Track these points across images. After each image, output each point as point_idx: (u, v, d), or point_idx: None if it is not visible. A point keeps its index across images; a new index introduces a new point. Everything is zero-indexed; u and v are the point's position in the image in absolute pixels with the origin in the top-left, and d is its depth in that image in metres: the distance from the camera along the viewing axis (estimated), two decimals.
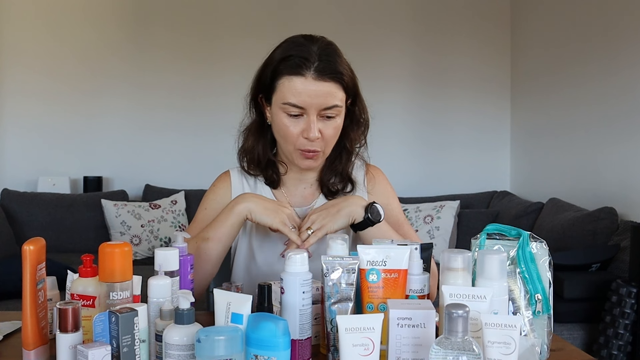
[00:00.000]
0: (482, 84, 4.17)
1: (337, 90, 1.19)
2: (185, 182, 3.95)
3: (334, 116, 1.21)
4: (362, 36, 4.10)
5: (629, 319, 2.22)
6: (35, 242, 0.92)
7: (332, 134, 1.23)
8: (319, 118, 1.20)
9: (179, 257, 1.01)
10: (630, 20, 2.87)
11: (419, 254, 1.00)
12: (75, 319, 0.85)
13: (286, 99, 1.18)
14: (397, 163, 4.08)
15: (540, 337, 0.97)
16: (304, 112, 1.19)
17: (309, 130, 1.19)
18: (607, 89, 3.06)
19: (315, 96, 1.17)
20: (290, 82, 1.17)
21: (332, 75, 1.18)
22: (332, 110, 1.20)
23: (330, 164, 1.35)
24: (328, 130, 1.22)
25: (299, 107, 1.18)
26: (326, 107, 1.19)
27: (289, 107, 1.19)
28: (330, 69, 1.17)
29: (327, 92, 1.18)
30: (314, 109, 1.18)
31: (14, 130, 3.94)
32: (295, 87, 1.17)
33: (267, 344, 0.80)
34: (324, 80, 1.17)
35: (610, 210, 2.73)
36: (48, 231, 3.55)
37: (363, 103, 1.32)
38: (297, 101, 1.17)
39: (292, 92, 1.17)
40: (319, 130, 1.20)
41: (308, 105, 1.18)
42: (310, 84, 1.16)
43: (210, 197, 1.37)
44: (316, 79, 1.16)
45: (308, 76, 1.16)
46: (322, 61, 1.17)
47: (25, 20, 3.92)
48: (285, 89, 1.18)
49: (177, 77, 4.03)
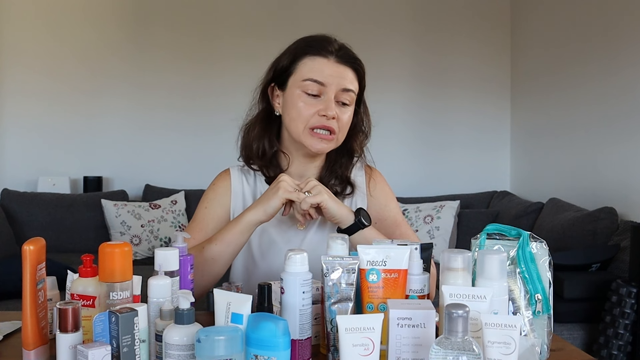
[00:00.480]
0: (482, 84, 4.17)
1: (354, 78, 1.27)
2: (185, 182, 3.95)
3: (348, 104, 1.26)
4: (362, 36, 4.09)
5: (629, 319, 2.22)
6: (35, 242, 0.92)
7: (346, 121, 1.27)
8: (335, 102, 1.24)
9: (179, 257, 1.01)
10: (630, 20, 2.87)
11: (419, 254, 1.00)
12: (75, 319, 0.85)
13: (308, 75, 1.23)
14: (397, 163, 4.08)
15: (540, 337, 0.97)
16: (323, 90, 1.23)
17: (328, 108, 1.22)
18: (607, 89, 3.06)
19: (337, 76, 1.23)
20: (314, 61, 1.24)
21: (352, 62, 1.25)
22: (348, 94, 1.25)
23: (331, 165, 1.36)
24: (343, 116, 1.25)
25: (320, 84, 1.23)
26: (344, 88, 1.24)
27: (310, 84, 1.23)
28: (350, 56, 1.26)
29: (346, 75, 1.24)
30: (333, 88, 1.23)
31: (14, 130, 3.94)
32: (318, 65, 1.23)
33: (267, 344, 0.80)
34: (344, 64, 1.24)
35: (610, 210, 2.73)
36: (48, 231, 3.55)
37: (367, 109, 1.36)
38: (319, 77, 1.22)
39: (315, 70, 1.23)
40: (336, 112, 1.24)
41: (329, 82, 1.23)
42: (332, 65, 1.23)
43: (210, 195, 1.36)
44: (337, 62, 1.24)
45: (330, 58, 1.24)
46: (343, 50, 1.26)
47: (25, 20, 3.92)
48: (307, 67, 1.24)
49: (177, 77, 4.03)
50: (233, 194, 1.36)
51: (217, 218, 1.33)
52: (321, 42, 1.25)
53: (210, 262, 1.21)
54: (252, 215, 1.19)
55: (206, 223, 1.32)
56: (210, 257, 1.20)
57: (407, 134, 4.18)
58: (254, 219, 1.19)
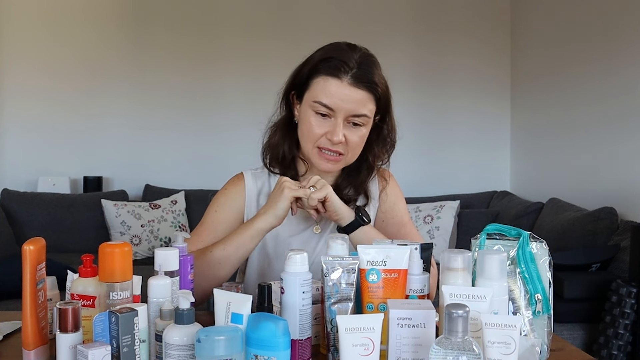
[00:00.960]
0: (482, 84, 4.17)
1: (369, 100, 1.21)
2: (185, 182, 3.95)
3: (361, 125, 1.23)
4: (362, 36, 4.07)
5: (629, 319, 2.22)
6: (35, 242, 0.92)
7: (357, 142, 1.24)
8: (346, 124, 1.21)
9: (179, 257, 1.01)
10: (630, 20, 2.87)
11: (419, 254, 1.00)
12: (75, 319, 0.85)
13: (318, 97, 1.20)
14: (397, 163, 4.05)
15: (540, 337, 0.97)
16: (333, 114, 1.20)
17: (334, 133, 1.20)
18: (607, 89, 3.06)
19: (348, 101, 1.18)
20: (326, 83, 1.19)
21: (368, 85, 1.19)
22: (360, 118, 1.21)
23: (348, 174, 1.35)
24: (353, 137, 1.23)
25: (328, 108, 1.19)
26: (355, 114, 1.20)
27: (319, 106, 1.20)
28: (367, 78, 1.19)
29: (359, 99, 1.19)
30: (343, 113, 1.20)
31: (14, 130, 3.94)
32: (329, 88, 1.19)
33: (267, 344, 0.80)
34: (358, 87, 1.18)
35: (610, 210, 2.73)
36: (48, 231, 3.55)
37: (393, 122, 1.32)
38: (328, 102, 1.19)
39: (326, 93, 1.19)
40: (344, 135, 1.21)
41: (338, 108, 1.19)
42: (344, 88, 1.18)
43: (221, 200, 1.34)
44: (351, 85, 1.18)
45: (344, 80, 1.18)
46: (361, 69, 1.19)
47: (26, 20, 3.92)
48: (319, 88, 1.20)
49: (177, 77, 4.03)
50: (247, 199, 1.34)
51: (227, 222, 1.32)
52: (339, 60, 1.19)
53: (217, 265, 1.20)
54: (263, 222, 1.18)
55: (215, 227, 1.31)
56: (218, 260, 1.20)
57: (407, 133, 4.12)
58: (265, 226, 1.18)
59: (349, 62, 1.19)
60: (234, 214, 1.33)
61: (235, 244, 1.19)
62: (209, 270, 1.19)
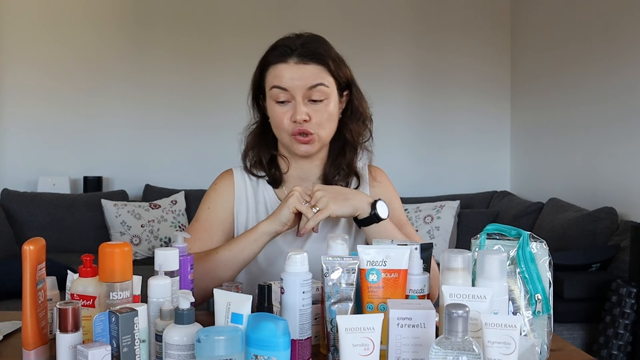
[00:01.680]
0: (482, 84, 4.17)
1: (321, 71, 1.23)
2: (185, 182, 3.95)
3: (322, 99, 1.24)
4: (362, 36, 4.10)
5: (629, 319, 2.22)
6: (35, 242, 0.92)
7: (324, 118, 1.25)
8: (307, 102, 1.23)
9: (179, 257, 1.01)
10: (630, 20, 2.87)
11: (419, 254, 1.00)
12: (75, 319, 0.85)
13: (273, 82, 1.24)
14: (397, 163, 4.08)
15: (540, 337, 0.97)
16: (290, 96, 1.23)
17: (296, 113, 1.22)
18: (607, 89, 3.06)
19: (298, 78, 1.21)
20: (275, 69, 1.23)
21: (314, 58, 1.23)
22: (317, 89, 1.22)
23: (334, 159, 1.35)
24: (317, 114, 1.24)
25: (283, 89, 1.22)
26: (310, 86, 1.22)
27: (276, 91, 1.23)
28: (311, 52, 1.23)
29: (309, 73, 1.22)
30: (299, 91, 1.22)
31: (14, 130, 3.94)
32: (279, 72, 1.23)
33: (267, 344, 0.80)
34: (305, 63, 1.22)
35: (610, 210, 2.73)
36: (48, 231, 3.55)
37: (360, 94, 1.33)
38: (281, 83, 1.22)
39: (277, 77, 1.23)
40: (307, 113, 1.23)
41: (292, 87, 1.22)
42: (292, 67, 1.22)
43: (212, 195, 1.35)
44: (298, 62, 1.22)
45: (290, 62, 1.22)
46: (305, 47, 1.23)
47: (26, 20, 3.92)
48: (271, 76, 1.24)
49: (177, 77, 4.03)
50: (236, 195, 1.35)
51: (220, 218, 1.33)
52: (281, 48, 1.23)
53: (222, 267, 1.21)
54: (267, 226, 1.19)
55: (210, 223, 1.32)
56: (223, 262, 1.21)
57: (407, 134, 4.18)
58: (269, 229, 1.19)
59: (291, 45, 1.23)
60: (225, 209, 1.34)
61: (241, 247, 1.21)
62: (214, 272, 1.20)
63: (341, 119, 1.32)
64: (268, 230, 1.19)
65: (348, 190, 1.24)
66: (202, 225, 1.31)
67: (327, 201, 1.17)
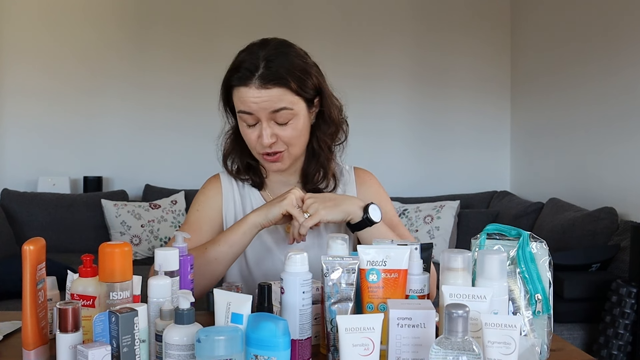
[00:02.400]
0: (482, 84, 4.17)
1: (284, 93, 1.20)
2: (185, 182, 3.95)
3: (287, 120, 1.23)
4: (362, 36, 4.10)
5: (629, 319, 2.22)
6: (35, 242, 0.92)
7: (292, 135, 1.24)
8: (273, 124, 1.23)
9: (179, 257, 1.01)
10: (630, 20, 2.87)
11: (419, 254, 1.00)
12: (75, 319, 0.85)
13: (238, 107, 1.23)
14: (397, 163, 4.08)
15: (540, 337, 0.97)
16: (256, 119, 1.23)
17: (262, 137, 1.23)
18: (607, 89, 3.06)
19: (261, 102, 1.20)
20: (239, 93, 1.22)
21: (275, 82, 1.19)
22: (280, 113, 1.21)
23: (307, 167, 1.36)
24: (284, 132, 1.23)
25: (249, 114, 1.22)
26: (273, 110, 1.20)
27: (243, 115, 1.23)
28: (273, 75, 1.19)
29: (271, 97, 1.19)
30: (264, 115, 1.21)
31: (14, 130, 3.94)
32: (242, 96, 1.21)
33: (267, 344, 0.80)
34: (266, 87, 1.19)
35: (610, 210, 2.73)
36: (48, 231, 3.55)
37: (331, 100, 1.31)
38: (245, 108, 1.21)
39: (242, 102, 1.22)
40: (275, 134, 1.23)
41: (256, 111, 1.21)
42: (254, 92, 1.19)
43: (200, 199, 1.38)
44: (259, 87, 1.19)
45: (252, 86, 1.19)
46: (267, 68, 1.19)
47: (26, 20, 3.92)
48: (236, 99, 1.23)
49: (177, 77, 4.03)
50: (224, 197, 1.38)
51: (209, 220, 1.36)
52: (243, 69, 1.20)
53: (214, 262, 1.21)
54: (255, 217, 1.21)
55: (199, 225, 1.34)
56: (214, 257, 1.21)
57: (407, 134, 4.17)
58: (256, 221, 1.20)
59: (252, 66, 1.19)
60: (214, 212, 1.37)
61: (230, 242, 1.21)
62: (206, 268, 1.21)
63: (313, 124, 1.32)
64: (255, 222, 1.20)
65: (339, 196, 1.24)
66: (191, 227, 1.33)
67: (317, 207, 1.18)
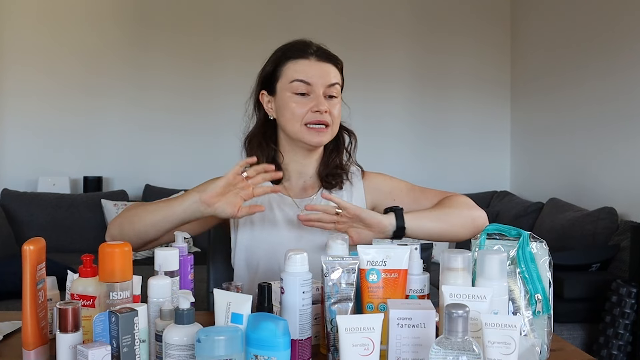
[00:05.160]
0: (482, 84, 4.17)
1: (336, 72, 1.34)
2: (185, 182, 3.94)
3: (336, 96, 1.33)
4: (362, 36, 4.10)
5: (629, 319, 2.22)
6: (35, 242, 0.92)
7: (337, 113, 1.33)
8: (325, 97, 1.31)
9: (179, 257, 1.01)
10: (630, 20, 2.87)
11: (419, 254, 1.00)
12: (75, 319, 0.85)
13: (295, 76, 1.30)
14: (397, 163, 4.08)
15: (540, 337, 0.97)
16: (311, 90, 1.29)
17: (320, 104, 1.28)
18: (607, 89, 3.06)
19: (320, 74, 1.30)
20: (297, 64, 1.31)
21: (330, 58, 1.33)
22: (334, 87, 1.32)
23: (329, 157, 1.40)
24: (333, 109, 1.31)
25: (307, 83, 1.29)
26: (330, 83, 1.31)
27: (298, 85, 1.29)
28: (328, 53, 1.34)
29: (328, 71, 1.32)
30: (320, 86, 1.30)
31: (14, 130, 3.94)
32: (301, 67, 1.30)
33: (267, 344, 0.80)
34: (324, 61, 1.32)
35: (610, 210, 2.73)
36: (48, 231, 3.54)
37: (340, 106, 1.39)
38: (305, 77, 1.29)
39: (300, 71, 1.30)
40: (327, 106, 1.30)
41: (315, 81, 1.29)
42: (313, 64, 1.30)
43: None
44: (318, 60, 1.31)
45: (311, 58, 1.31)
46: (320, 49, 1.34)
47: (26, 20, 3.92)
48: (291, 70, 1.31)
49: (177, 78, 4.03)
50: None
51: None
52: (300, 46, 1.33)
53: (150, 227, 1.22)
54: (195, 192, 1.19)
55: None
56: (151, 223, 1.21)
57: (407, 133, 4.18)
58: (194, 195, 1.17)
59: (308, 48, 1.33)
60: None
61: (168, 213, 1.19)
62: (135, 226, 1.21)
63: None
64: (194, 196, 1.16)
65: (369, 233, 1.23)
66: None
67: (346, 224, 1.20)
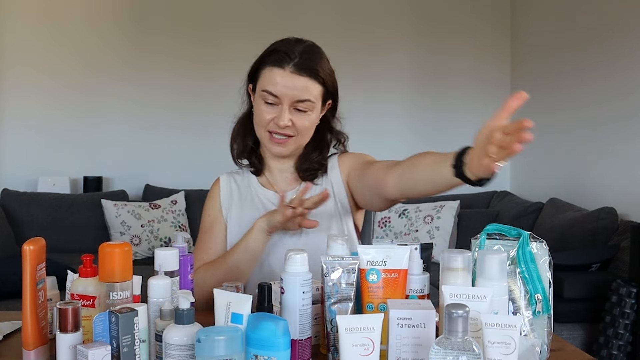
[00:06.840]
0: (482, 84, 4.17)
1: (313, 85, 1.29)
2: (185, 182, 3.95)
3: (307, 110, 1.30)
4: (362, 36, 4.10)
5: (629, 319, 2.22)
6: (35, 242, 0.92)
7: (305, 126, 1.32)
8: (293, 110, 1.29)
9: (179, 257, 1.01)
10: (630, 20, 2.87)
11: (419, 254, 1.00)
12: (75, 319, 0.85)
13: (265, 87, 1.29)
14: None
15: (540, 337, 0.97)
16: (279, 101, 1.28)
17: (280, 118, 1.28)
18: (607, 89, 3.06)
19: (291, 88, 1.27)
20: (271, 73, 1.28)
21: (309, 71, 1.27)
22: (303, 104, 1.28)
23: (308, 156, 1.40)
24: (300, 121, 1.30)
25: (274, 96, 1.28)
26: (298, 99, 1.28)
27: (267, 95, 1.28)
28: (308, 65, 1.27)
29: (301, 86, 1.27)
30: (288, 100, 1.27)
31: (14, 130, 3.94)
32: (274, 77, 1.27)
33: (267, 344, 0.80)
34: (300, 75, 1.27)
35: (610, 210, 2.73)
36: (48, 231, 3.54)
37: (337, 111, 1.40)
38: (273, 90, 1.27)
39: (271, 82, 1.28)
40: (291, 119, 1.29)
41: (282, 95, 1.27)
42: (287, 76, 1.26)
43: (209, 204, 1.46)
44: (293, 73, 1.26)
45: (287, 69, 1.26)
46: (302, 58, 1.27)
47: (26, 20, 3.92)
48: (266, 78, 1.29)
49: (177, 77, 4.03)
50: (222, 194, 1.44)
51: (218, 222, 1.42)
52: (283, 52, 1.28)
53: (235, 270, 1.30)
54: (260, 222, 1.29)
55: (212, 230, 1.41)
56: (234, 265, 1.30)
57: (407, 133, 4.17)
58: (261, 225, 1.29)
59: (290, 53, 1.27)
60: (217, 211, 1.43)
61: (242, 247, 1.29)
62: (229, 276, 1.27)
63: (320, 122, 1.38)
64: (261, 226, 1.28)
65: None
66: (206, 232, 1.41)
67: None
